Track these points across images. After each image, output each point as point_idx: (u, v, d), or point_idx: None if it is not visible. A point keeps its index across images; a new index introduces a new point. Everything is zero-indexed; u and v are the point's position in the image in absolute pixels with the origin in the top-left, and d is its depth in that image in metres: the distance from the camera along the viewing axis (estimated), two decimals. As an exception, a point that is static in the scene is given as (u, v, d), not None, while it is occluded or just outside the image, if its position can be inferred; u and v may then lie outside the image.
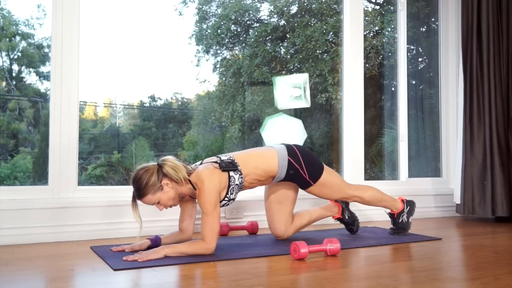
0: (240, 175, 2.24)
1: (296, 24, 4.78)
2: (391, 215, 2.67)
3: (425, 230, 2.89)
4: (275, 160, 2.34)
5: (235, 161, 2.25)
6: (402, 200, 2.67)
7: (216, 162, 2.22)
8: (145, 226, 2.67)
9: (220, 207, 2.19)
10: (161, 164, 2.15)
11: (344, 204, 2.73)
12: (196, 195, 2.19)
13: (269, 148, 2.41)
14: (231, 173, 2.21)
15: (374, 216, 3.27)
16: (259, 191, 2.81)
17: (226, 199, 2.22)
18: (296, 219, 2.58)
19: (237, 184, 2.23)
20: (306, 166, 2.37)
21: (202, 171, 2.15)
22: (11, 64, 4.13)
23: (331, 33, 4.68)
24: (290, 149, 2.39)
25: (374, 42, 4.52)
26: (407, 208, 2.65)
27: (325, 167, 2.46)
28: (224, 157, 2.27)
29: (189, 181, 2.17)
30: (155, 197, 2.13)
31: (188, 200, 2.32)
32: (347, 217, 2.72)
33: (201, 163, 2.27)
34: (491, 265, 1.97)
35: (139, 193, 2.12)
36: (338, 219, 2.74)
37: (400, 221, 2.64)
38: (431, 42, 4.16)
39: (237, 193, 2.27)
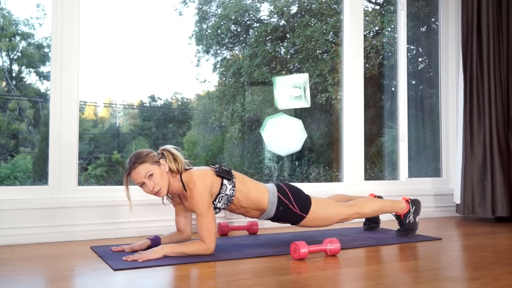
0: (233, 186, 2.23)
1: (296, 24, 4.78)
2: (398, 216, 2.62)
3: (425, 230, 2.89)
4: (266, 194, 2.31)
5: (232, 173, 2.26)
6: (407, 200, 2.62)
7: (213, 165, 2.24)
8: (145, 226, 2.68)
9: None
10: (162, 149, 2.24)
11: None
12: (186, 196, 2.19)
13: (261, 183, 2.41)
14: (225, 181, 2.21)
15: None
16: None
17: (212, 205, 2.20)
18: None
19: (227, 194, 2.21)
20: (294, 200, 2.34)
21: (194, 172, 2.16)
22: (11, 64, 4.13)
23: (331, 33, 4.68)
24: (279, 186, 2.38)
25: (374, 42, 4.51)
26: (412, 208, 2.61)
27: (313, 197, 2.42)
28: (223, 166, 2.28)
29: (181, 180, 2.17)
30: (152, 167, 2.11)
31: (180, 202, 2.32)
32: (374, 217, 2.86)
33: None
34: (491, 265, 1.97)
35: (138, 160, 2.11)
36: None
37: (407, 222, 2.59)
38: (431, 42, 4.16)
39: (224, 204, 2.24)
